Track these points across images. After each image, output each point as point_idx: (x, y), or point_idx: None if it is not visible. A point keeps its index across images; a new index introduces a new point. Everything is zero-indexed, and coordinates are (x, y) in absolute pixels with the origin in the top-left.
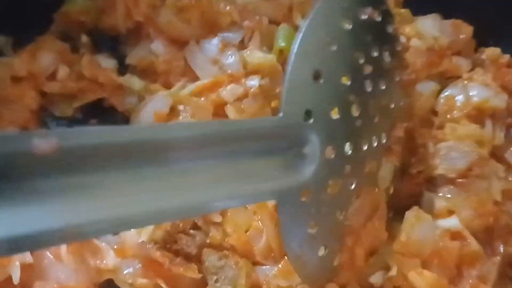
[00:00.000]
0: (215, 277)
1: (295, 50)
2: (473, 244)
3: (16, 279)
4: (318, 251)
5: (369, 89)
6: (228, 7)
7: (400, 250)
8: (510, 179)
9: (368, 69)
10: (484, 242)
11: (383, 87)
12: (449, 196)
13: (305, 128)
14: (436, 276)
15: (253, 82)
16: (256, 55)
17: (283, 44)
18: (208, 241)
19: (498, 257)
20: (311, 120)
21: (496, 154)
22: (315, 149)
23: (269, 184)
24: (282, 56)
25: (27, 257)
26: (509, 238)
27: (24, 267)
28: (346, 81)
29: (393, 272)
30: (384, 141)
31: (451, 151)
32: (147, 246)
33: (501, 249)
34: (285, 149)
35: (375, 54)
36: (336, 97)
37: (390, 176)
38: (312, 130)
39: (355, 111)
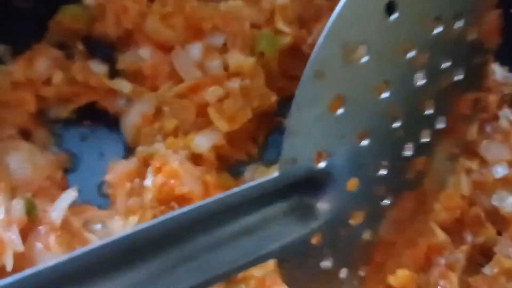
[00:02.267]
0: None
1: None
2: (440, 235)
3: (9, 267)
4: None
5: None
6: (210, 13)
7: None
8: (483, 172)
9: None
10: (453, 232)
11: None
12: None
13: (317, 172)
14: (408, 273)
15: (234, 83)
16: (237, 57)
17: (264, 48)
18: None
19: (465, 246)
20: (325, 163)
21: (469, 148)
22: (331, 188)
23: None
24: (263, 59)
25: (19, 246)
26: (478, 228)
27: (16, 256)
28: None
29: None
30: (440, 126)
31: None
32: None
33: (469, 239)
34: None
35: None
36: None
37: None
38: (327, 171)
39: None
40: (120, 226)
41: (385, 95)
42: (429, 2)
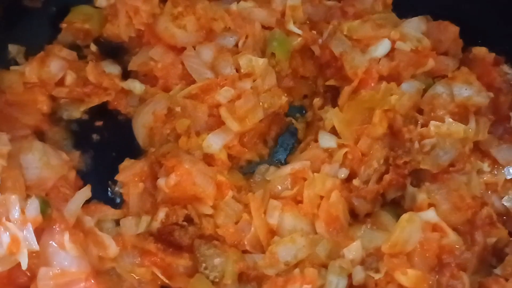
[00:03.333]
0: (204, 265)
1: None
2: (451, 235)
3: (24, 265)
4: None
5: None
6: (222, 14)
7: (388, 251)
8: (494, 172)
9: None
10: (465, 233)
11: None
12: (430, 191)
13: None
14: (419, 273)
15: (246, 84)
16: (248, 58)
17: (275, 49)
18: (200, 232)
19: (476, 247)
20: None
21: (481, 149)
22: None
23: None
24: (275, 59)
25: (34, 245)
26: (490, 228)
27: (31, 255)
28: None
29: (381, 273)
30: None
31: (435, 148)
32: (144, 237)
33: (480, 239)
34: None
35: None
36: None
37: None
38: None
39: None
40: (132, 225)
41: None
42: None
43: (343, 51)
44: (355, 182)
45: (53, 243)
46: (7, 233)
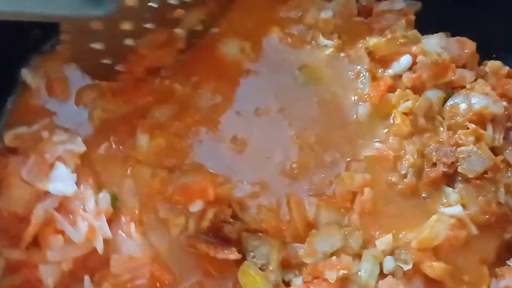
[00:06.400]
0: (252, 254)
1: None
2: (473, 230)
3: (100, 250)
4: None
5: None
6: None
7: (417, 247)
8: (509, 175)
9: None
10: (485, 230)
11: None
12: (463, 193)
13: None
14: (444, 265)
15: None
16: None
17: None
18: (245, 226)
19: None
20: None
21: (496, 153)
22: None
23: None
24: None
25: (108, 233)
26: (507, 225)
27: (104, 241)
28: None
29: (410, 265)
30: None
31: (471, 155)
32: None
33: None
34: None
35: None
36: None
37: None
38: None
39: None
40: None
41: None
42: None
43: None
44: (394, 178)
45: (121, 232)
46: (86, 222)
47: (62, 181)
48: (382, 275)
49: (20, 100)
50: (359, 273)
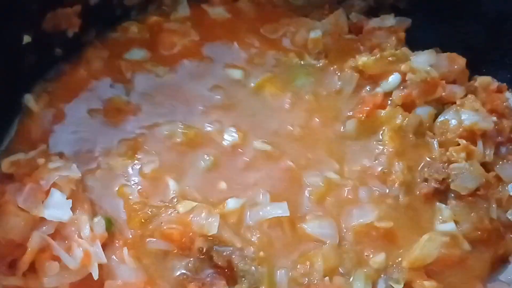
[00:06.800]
0: (242, 274)
1: None
2: (466, 247)
3: (95, 276)
4: None
5: None
6: None
7: (409, 266)
8: (500, 189)
9: None
10: (478, 246)
11: None
12: (456, 209)
13: None
14: (435, 284)
15: None
16: None
17: None
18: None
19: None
20: None
21: (487, 168)
22: None
23: None
24: None
25: (103, 258)
26: (499, 240)
27: (100, 267)
28: None
29: (401, 285)
30: None
31: (464, 172)
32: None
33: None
34: None
35: None
36: None
37: None
38: None
39: None
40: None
41: None
42: None
43: None
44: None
45: (115, 257)
46: (81, 248)
47: (57, 208)
48: None
49: (22, 125)
50: None
